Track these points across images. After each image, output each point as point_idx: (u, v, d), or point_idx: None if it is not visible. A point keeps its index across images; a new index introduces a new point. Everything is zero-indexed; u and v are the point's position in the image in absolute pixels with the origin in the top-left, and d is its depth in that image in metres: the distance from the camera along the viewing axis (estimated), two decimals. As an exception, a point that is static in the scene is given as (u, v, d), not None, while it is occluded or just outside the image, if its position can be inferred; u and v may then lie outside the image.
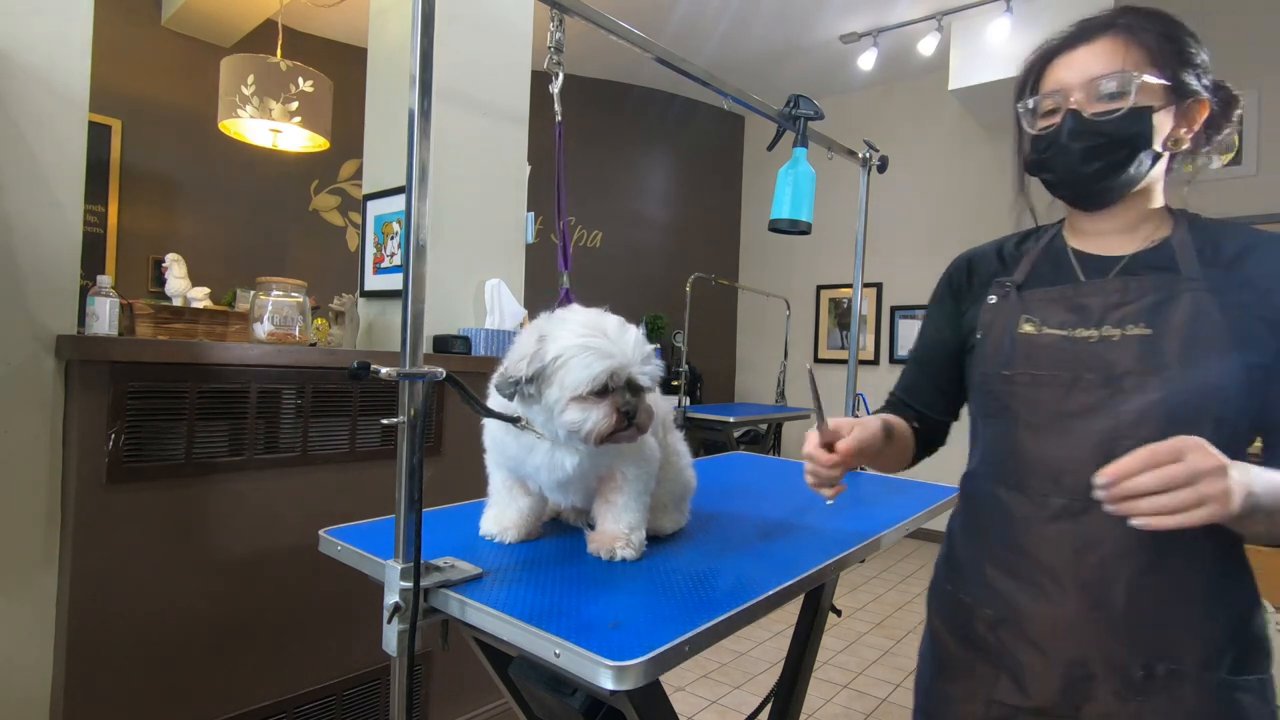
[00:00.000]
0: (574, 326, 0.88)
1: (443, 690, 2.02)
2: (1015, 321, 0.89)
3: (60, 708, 1.41)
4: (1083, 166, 0.83)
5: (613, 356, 0.85)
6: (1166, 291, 0.80)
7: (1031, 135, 0.88)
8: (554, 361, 0.86)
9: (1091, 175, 0.83)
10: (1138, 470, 0.63)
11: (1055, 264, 0.91)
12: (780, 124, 1.80)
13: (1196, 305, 0.78)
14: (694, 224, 5.81)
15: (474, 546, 1.02)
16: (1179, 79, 0.81)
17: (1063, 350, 0.83)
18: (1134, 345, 0.80)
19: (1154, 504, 0.63)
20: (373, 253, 2.31)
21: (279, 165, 4.05)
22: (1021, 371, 0.86)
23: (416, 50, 0.87)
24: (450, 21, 2.18)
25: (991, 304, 0.93)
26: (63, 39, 1.47)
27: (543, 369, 0.87)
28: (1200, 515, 0.62)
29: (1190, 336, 0.77)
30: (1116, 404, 0.79)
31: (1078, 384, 0.82)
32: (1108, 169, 0.82)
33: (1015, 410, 0.87)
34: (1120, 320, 0.81)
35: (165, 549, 1.53)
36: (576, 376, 0.85)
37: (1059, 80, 0.85)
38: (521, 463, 0.98)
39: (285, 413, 1.71)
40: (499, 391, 0.91)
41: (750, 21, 4.35)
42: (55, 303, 1.46)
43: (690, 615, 0.77)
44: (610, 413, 0.85)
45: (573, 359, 0.85)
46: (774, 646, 2.99)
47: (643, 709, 0.84)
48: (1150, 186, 0.86)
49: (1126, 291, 0.83)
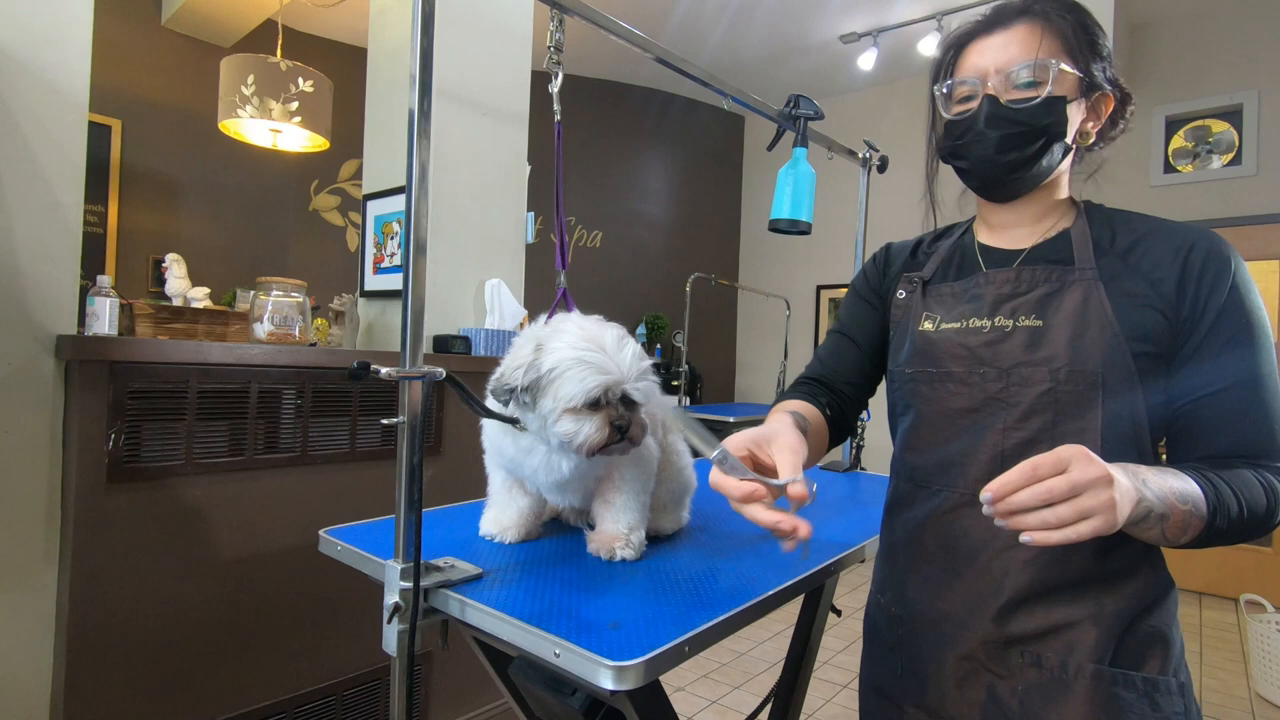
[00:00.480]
0: (571, 338, 0.87)
1: (443, 690, 2.02)
2: (917, 319, 0.89)
3: (60, 707, 1.41)
4: (998, 155, 0.81)
5: (609, 372, 0.85)
6: (1058, 282, 0.80)
7: (946, 120, 0.86)
8: (549, 373, 0.86)
9: (1006, 165, 0.82)
10: (1020, 485, 0.61)
11: (962, 259, 0.91)
12: (780, 124, 1.80)
13: (1086, 295, 0.77)
14: (694, 224, 5.81)
15: (474, 546, 1.02)
16: (1090, 71, 0.80)
17: (958, 346, 0.83)
18: (1024, 336, 0.79)
19: (1039, 519, 0.60)
20: (373, 253, 2.31)
21: (279, 165, 4.05)
22: (920, 369, 0.87)
23: (416, 50, 0.87)
24: (450, 21, 2.18)
25: (900, 299, 0.94)
26: (63, 39, 1.47)
27: (538, 379, 0.87)
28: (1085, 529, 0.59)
29: (1079, 327, 0.76)
30: (1009, 397, 0.79)
31: (972, 379, 0.81)
32: (1022, 160, 0.81)
33: (918, 406, 0.87)
34: (1013, 311, 0.81)
35: (165, 549, 1.53)
36: (570, 390, 0.84)
37: (975, 66, 0.83)
38: (520, 465, 0.98)
39: (285, 413, 1.71)
40: (494, 397, 0.92)
41: (750, 21, 4.35)
42: (55, 303, 1.46)
43: (690, 615, 0.77)
44: (602, 426, 0.85)
45: (568, 371, 0.85)
46: (774, 646, 2.99)
47: (643, 709, 0.84)
48: (1058, 179, 0.85)
49: (1019, 283, 0.82)
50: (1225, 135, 3.95)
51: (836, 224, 5.01)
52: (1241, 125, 3.89)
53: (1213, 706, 2.60)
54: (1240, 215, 3.88)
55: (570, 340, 0.87)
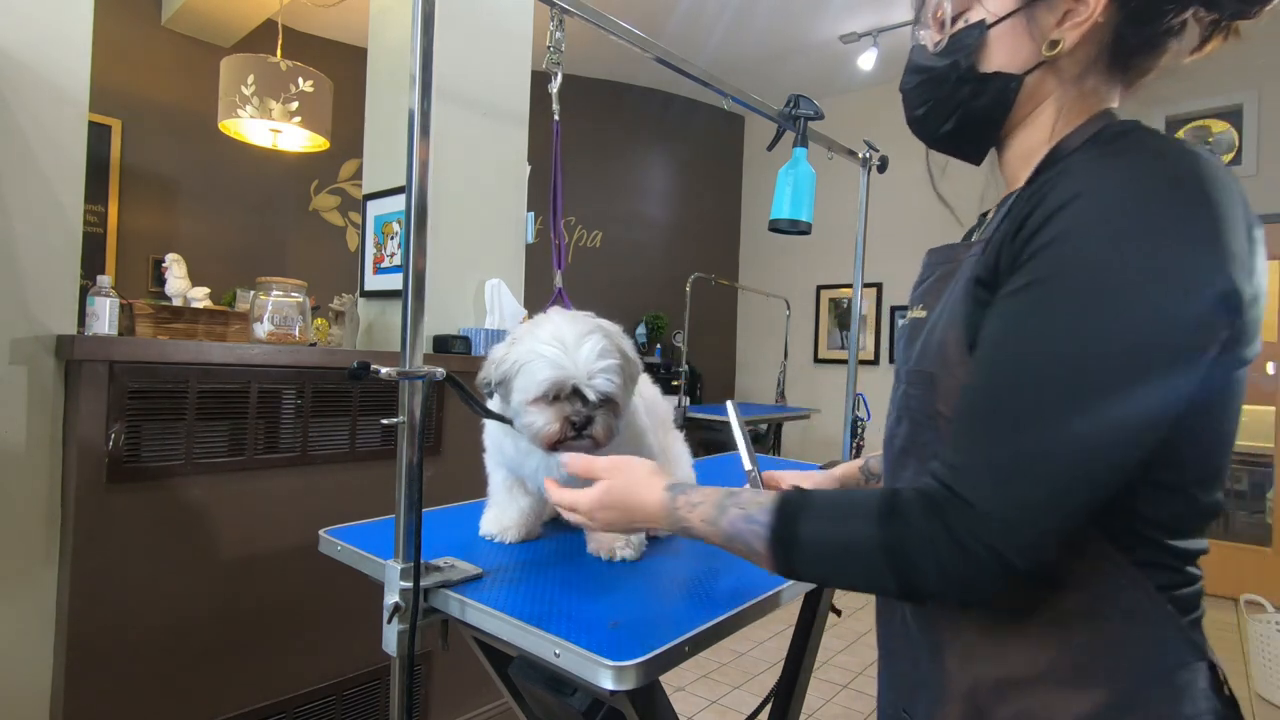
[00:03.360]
0: (540, 333, 0.90)
1: (443, 690, 2.02)
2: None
3: (60, 707, 1.41)
4: (915, 112, 0.70)
5: (561, 368, 0.86)
6: (951, 263, 0.67)
7: None
8: (513, 366, 0.89)
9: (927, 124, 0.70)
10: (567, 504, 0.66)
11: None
12: (780, 124, 1.80)
13: (961, 279, 0.63)
14: (694, 224, 5.81)
15: (474, 546, 1.02)
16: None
17: (899, 339, 0.76)
18: (911, 331, 0.70)
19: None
20: (373, 253, 2.31)
21: (279, 165, 4.05)
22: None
23: (416, 50, 0.87)
24: (450, 22, 2.18)
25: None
26: (63, 39, 1.47)
27: (506, 373, 0.90)
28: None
29: (941, 320, 0.63)
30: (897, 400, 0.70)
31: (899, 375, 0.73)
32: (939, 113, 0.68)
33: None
34: (917, 299, 0.72)
35: (165, 549, 1.53)
36: (524, 382, 0.87)
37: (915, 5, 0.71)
38: (520, 464, 0.99)
39: (285, 413, 1.71)
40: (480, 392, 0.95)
41: (750, 21, 4.35)
42: (55, 303, 1.46)
43: (690, 615, 0.77)
44: (553, 420, 0.87)
45: (526, 364, 0.88)
46: (774, 646, 2.99)
47: (643, 709, 0.84)
48: (1028, 122, 0.65)
49: (929, 267, 0.72)
50: (1225, 135, 3.95)
51: (836, 224, 5.01)
52: (1241, 125, 3.89)
53: (1213, 706, 2.60)
54: (1240, 215, 3.88)
55: (539, 335, 0.89)
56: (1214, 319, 0.49)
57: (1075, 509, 0.50)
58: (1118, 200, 0.51)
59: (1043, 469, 0.50)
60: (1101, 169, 0.53)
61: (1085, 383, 0.50)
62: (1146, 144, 0.55)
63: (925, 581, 0.52)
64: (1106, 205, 0.51)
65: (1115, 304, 0.49)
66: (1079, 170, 0.54)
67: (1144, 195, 0.51)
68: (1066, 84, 0.63)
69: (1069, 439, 0.49)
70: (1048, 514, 0.50)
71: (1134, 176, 0.52)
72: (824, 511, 0.58)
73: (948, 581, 0.52)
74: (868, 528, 0.55)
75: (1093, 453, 0.49)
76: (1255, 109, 3.83)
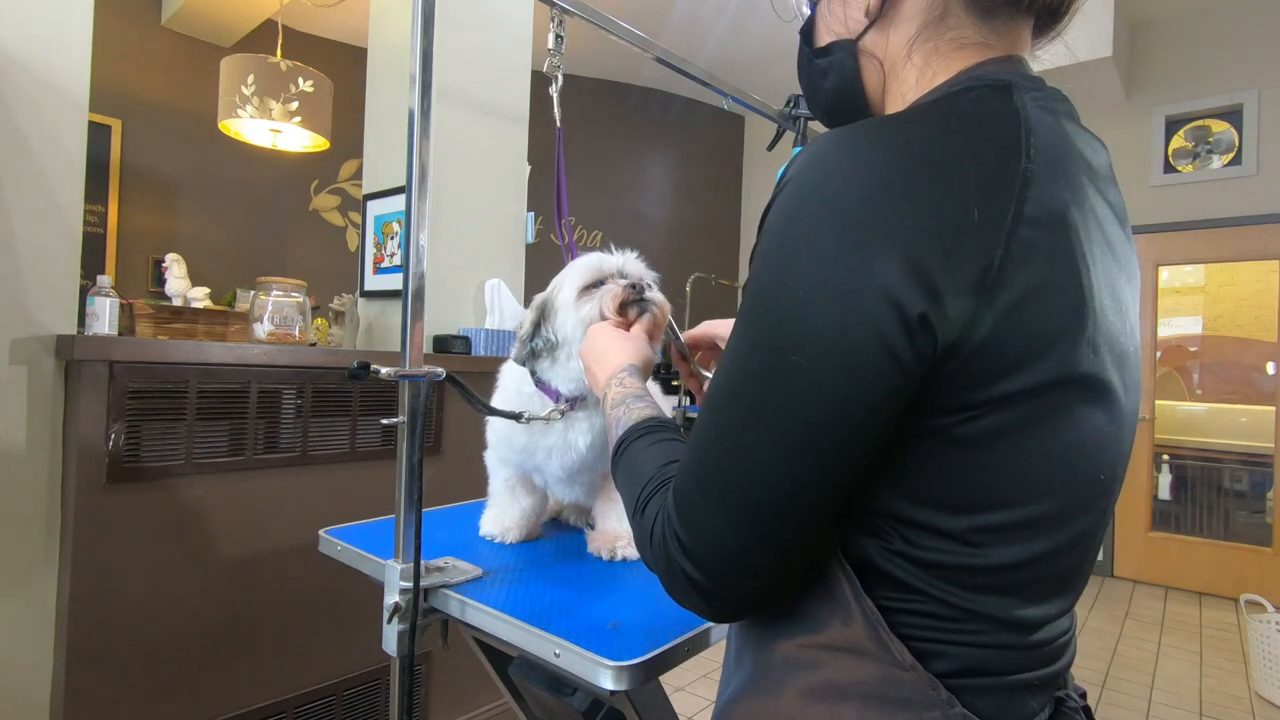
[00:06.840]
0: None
1: (443, 690, 2.02)
2: None
3: (60, 707, 1.41)
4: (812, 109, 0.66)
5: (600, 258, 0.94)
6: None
7: None
8: (551, 290, 0.95)
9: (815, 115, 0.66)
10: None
11: None
12: (780, 124, 1.80)
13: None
14: (694, 224, 5.81)
15: (474, 546, 1.02)
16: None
17: None
18: None
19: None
20: (373, 253, 2.31)
21: (279, 165, 4.05)
22: None
23: (416, 50, 0.87)
24: (450, 21, 2.18)
25: None
26: (63, 39, 1.47)
27: (545, 300, 0.95)
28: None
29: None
30: None
31: None
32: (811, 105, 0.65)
33: None
34: None
35: (165, 549, 1.53)
36: (571, 279, 0.93)
37: None
38: (532, 451, 0.98)
39: (285, 413, 1.71)
40: (515, 359, 0.99)
41: (750, 21, 4.35)
42: (55, 303, 1.46)
43: (690, 615, 0.77)
44: (612, 287, 0.90)
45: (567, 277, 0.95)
46: (774, 646, 2.99)
47: (643, 709, 0.84)
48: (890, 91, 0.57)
49: None
50: (1225, 135, 3.95)
51: (836, 224, 5.01)
52: (1241, 125, 3.89)
53: (1213, 706, 2.60)
54: (1240, 215, 3.88)
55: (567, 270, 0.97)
56: (879, 342, 0.42)
57: (756, 540, 0.45)
58: (804, 196, 0.46)
59: (716, 495, 0.46)
60: (817, 151, 0.47)
61: (743, 409, 0.45)
62: (903, 118, 0.47)
63: (660, 578, 0.51)
64: (794, 203, 0.46)
65: (772, 323, 0.45)
66: (809, 149, 0.48)
67: (831, 193, 0.44)
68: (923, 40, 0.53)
69: (739, 465, 0.45)
70: (724, 541, 0.45)
71: (836, 164, 0.45)
72: (638, 458, 0.58)
73: (669, 588, 0.50)
74: (632, 506, 0.55)
75: (762, 484, 0.44)
76: (1255, 109, 3.83)
